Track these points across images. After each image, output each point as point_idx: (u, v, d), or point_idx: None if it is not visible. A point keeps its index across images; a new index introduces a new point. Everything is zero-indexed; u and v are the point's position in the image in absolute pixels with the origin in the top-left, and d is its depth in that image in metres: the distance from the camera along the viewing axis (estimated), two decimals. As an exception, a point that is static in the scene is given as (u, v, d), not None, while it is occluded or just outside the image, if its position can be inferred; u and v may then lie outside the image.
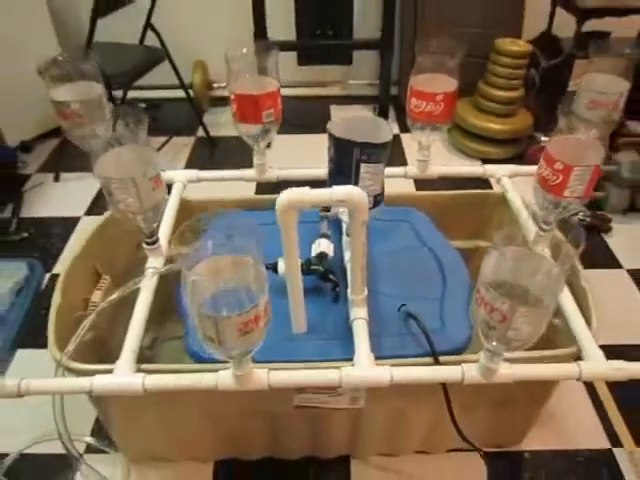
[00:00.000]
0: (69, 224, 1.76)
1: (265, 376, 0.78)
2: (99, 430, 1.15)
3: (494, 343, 0.70)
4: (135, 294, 0.90)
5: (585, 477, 1.10)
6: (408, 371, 0.79)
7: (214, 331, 0.63)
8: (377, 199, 0.89)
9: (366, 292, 0.88)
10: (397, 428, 1.04)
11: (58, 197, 1.90)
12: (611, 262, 1.61)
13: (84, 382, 0.78)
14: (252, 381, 0.77)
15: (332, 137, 0.85)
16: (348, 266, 0.91)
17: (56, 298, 0.95)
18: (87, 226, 1.12)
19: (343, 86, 2.63)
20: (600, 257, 1.63)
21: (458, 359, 0.83)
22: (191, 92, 2.26)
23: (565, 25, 2.15)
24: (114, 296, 0.88)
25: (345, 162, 0.85)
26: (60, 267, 1.57)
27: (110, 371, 0.79)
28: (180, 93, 2.18)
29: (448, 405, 0.86)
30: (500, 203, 1.18)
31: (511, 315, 0.63)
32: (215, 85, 2.57)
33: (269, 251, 0.69)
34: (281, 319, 0.87)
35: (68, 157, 2.05)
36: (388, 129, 0.85)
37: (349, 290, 0.89)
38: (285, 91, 1.06)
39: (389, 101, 2.38)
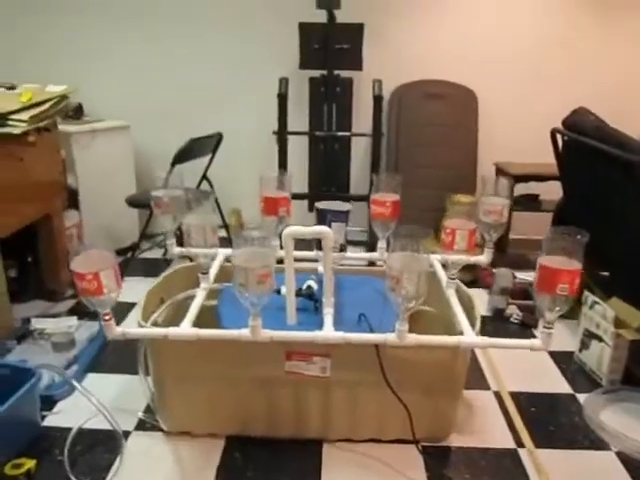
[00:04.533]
0: (127, 306, 2.35)
1: (269, 333, 1.31)
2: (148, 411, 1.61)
3: (399, 306, 1.24)
4: (187, 308, 1.47)
5: (495, 465, 1.50)
6: (354, 335, 1.32)
7: (244, 278, 1.20)
8: (342, 247, 1.51)
9: (333, 299, 1.44)
10: (355, 411, 1.50)
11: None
12: (536, 345, 2.12)
13: (163, 331, 1.33)
14: (262, 334, 1.30)
15: (317, 209, 1.51)
16: (324, 281, 1.47)
17: (141, 303, 1.53)
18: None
19: (343, 231, 3.38)
20: (529, 343, 2.15)
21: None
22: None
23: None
24: (182, 295, 1.47)
25: (324, 222, 1.49)
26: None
27: (177, 326, 1.34)
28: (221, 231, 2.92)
29: (380, 363, 1.37)
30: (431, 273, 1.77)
31: (401, 277, 1.20)
32: (246, 227, 3.33)
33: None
34: (282, 320, 1.43)
35: (130, 269, 2.74)
36: (347, 205, 1.51)
37: (324, 299, 1.45)
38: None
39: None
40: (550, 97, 3.12)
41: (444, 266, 1.71)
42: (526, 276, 2.64)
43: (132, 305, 2.39)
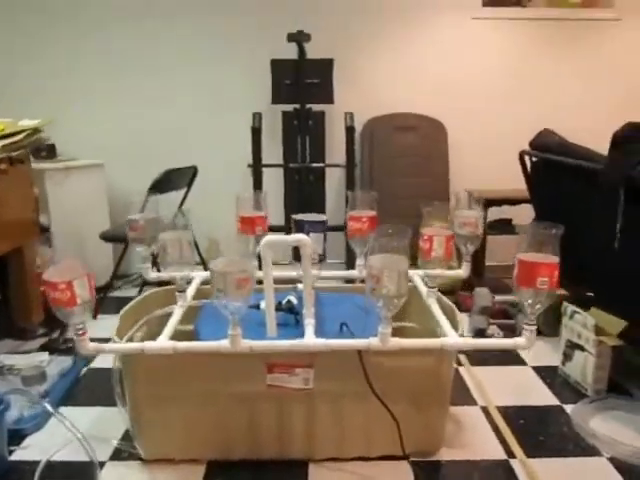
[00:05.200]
0: (101, 341, 2.27)
1: (249, 343, 1.28)
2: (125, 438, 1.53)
3: (381, 307, 1.23)
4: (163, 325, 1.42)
5: (487, 476, 1.45)
6: (337, 341, 1.30)
7: (223, 283, 1.17)
8: (320, 257, 1.50)
9: (313, 309, 1.42)
10: (341, 426, 1.44)
11: (94, 326, 2.43)
12: (518, 361, 2.11)
13: (139, 345, 1.29)
14: (241, 345, 1.27)
15: (294, 220, 1.51)
16: (303, 294, 1.46)
17: (117, 325, 1.48)
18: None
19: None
20: (511, 359, 2.14)
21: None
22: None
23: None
24: (160, 311, 1.43)
25: (301, 233, 1.48)
26: (95, 363, 2.06)
27: (154, 341, 1.30)
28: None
29: (364, 370, 1.33)
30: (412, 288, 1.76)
31: (381, 276, 1.19)
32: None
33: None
34: (262, 335, 1.40)
35: (105, 307, 2.68)
36: (323, 217, 1.51)
37: (304, 311, 1.43)
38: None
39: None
40: (515, 123, 3.24)
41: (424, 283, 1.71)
42: (504, 298, 2.65)
43: (106, 341, 2.32)
